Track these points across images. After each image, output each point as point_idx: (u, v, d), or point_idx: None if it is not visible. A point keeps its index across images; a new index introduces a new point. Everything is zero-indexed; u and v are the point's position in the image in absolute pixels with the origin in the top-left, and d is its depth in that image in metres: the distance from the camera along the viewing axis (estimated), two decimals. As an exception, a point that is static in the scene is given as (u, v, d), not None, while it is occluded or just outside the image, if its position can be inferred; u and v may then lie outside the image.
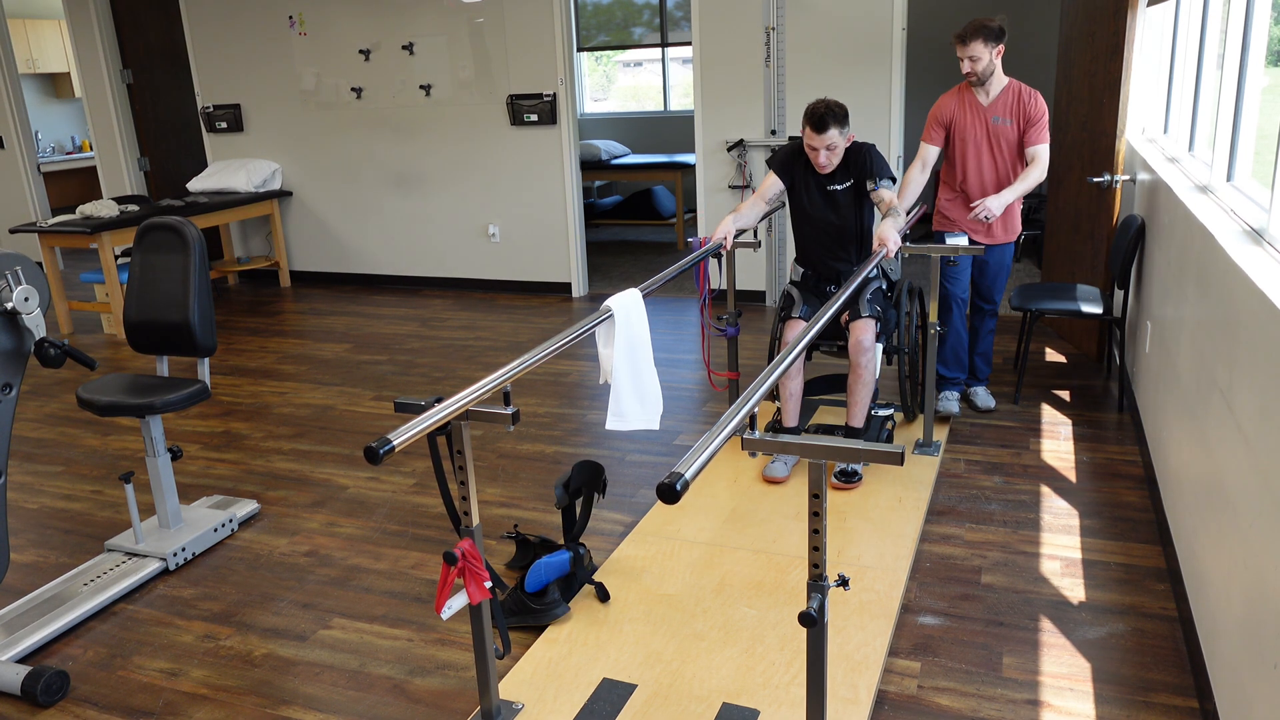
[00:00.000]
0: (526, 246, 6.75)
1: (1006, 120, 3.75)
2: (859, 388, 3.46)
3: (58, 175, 11.10)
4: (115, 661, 2.68)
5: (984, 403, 4.14)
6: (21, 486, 3.89)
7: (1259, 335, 1.96)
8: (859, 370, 3.44)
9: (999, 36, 3.64)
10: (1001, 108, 3.75)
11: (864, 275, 2.89)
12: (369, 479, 3.80)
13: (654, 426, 2.55)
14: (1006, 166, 3.82)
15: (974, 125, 3.80)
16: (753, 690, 2.37)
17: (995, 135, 3.77)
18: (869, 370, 3.45)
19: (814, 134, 3.32)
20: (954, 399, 4.06)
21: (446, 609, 2.01)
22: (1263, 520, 1.86)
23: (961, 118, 3.83)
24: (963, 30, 3.67)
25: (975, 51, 3.63)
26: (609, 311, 2.46)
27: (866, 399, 3.48)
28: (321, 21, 6.82)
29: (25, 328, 2.49)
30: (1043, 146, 3.73)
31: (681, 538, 3.14)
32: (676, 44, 9.46)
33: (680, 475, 1.53)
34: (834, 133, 3.31)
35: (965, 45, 3.65)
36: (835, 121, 3.30)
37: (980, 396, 4.16)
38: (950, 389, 4.09)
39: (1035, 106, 3.70)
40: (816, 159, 3.40)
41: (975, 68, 3.66)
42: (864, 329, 3.43)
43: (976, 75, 3.69)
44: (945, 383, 4.08)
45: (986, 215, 3.71)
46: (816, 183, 3.54)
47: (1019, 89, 3.74)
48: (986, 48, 3.62)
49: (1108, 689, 2.35)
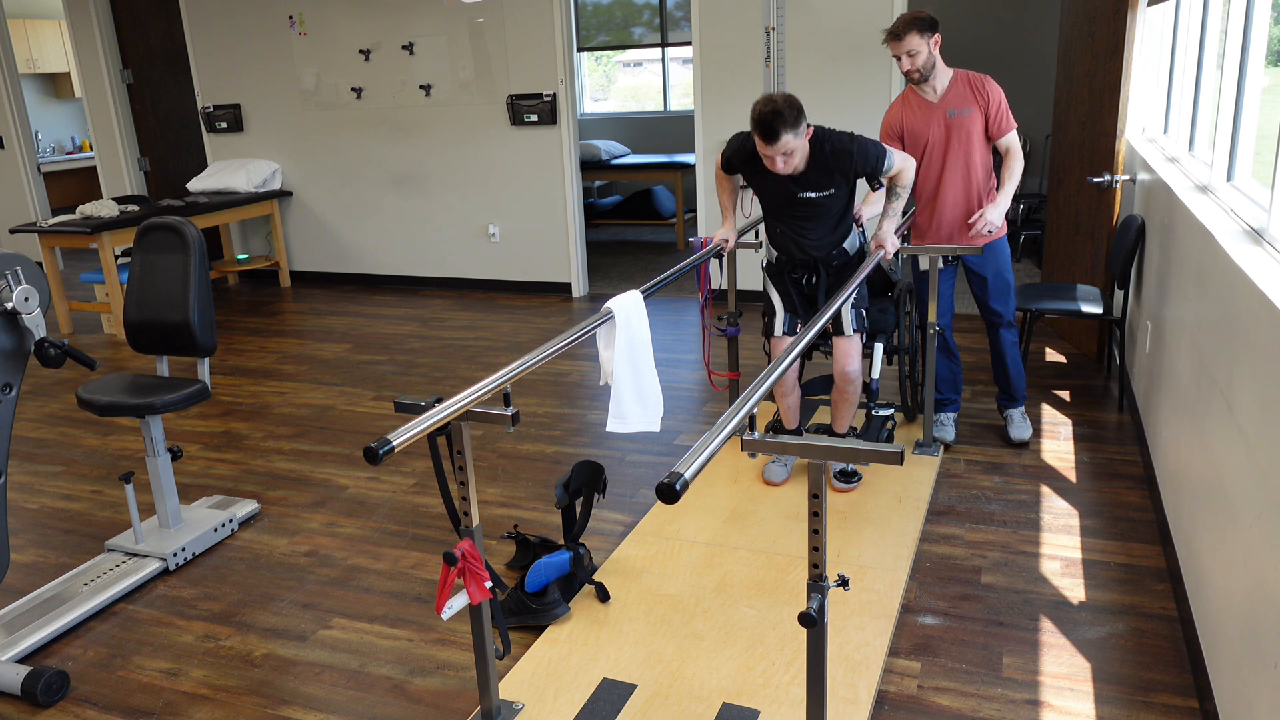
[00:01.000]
0: (526, 246, 6.75)
1: (965, 110, 3.45)
2: (843, 405, 3.36)
3: (58, 175, 11.10)
4: (115, 661, 2.68)
5: (1016, 433, 3.76)
6: (21, 486, 3.89)
7: (1259, 335, 1.96)
8: (845, 390, 3.31)
9: (933, 26, 3.38)
10: (955, 99, 3.46)
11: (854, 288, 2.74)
12: (369, 479, 3.80)
13: (654, 429, 2.55)
14: (976, 161, 3.52)
15: (929, 126, 3.50)
16: (753, 690, 2.37)
17: (955, 130, 3.47)
18: (854, 389, 3.31)
19: (765, 144, 2.84)
20: (949, 423, 3.80)
21: (447, 609, 2.01)
22: (1263, 520, 1.86)
23: (913, 122, 3.52)
24: (893, 26, 3.39)
25: (912, 45, 3.34)
26: (610, 313, 2.46)
27: (849, 415, 3.39)
28: (321, 21, 6.82)
29: (25, 328, 2.49)
30: (1012, 134, 3.49)
31: (681, 538, 3.14)
32: (676, 44, 9.46)
33: (680, 475, 1.53)
34: (788, 138, 2.81)
35: (900, 41, 3.36)
36: (787, 125, 2.79)
37: (1014, 423, 3.79)
38: (946, 411, 3.83)
39: (993, 90, 3.44)
40: (774, 166, 2.92)
41: (915, 63, 3.37)
42: (848, 351, 3.24)
43: (918, 71, 3.39)
44: (940, 404, 3.83)
45: (989, 228, 3.45)
46: (781, 188, 3.11)
47: (968, 75, 3.47)
48: (923, 39, 3.35)
49: (1108, 689, 2.35)
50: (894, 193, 3.16)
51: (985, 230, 3.46)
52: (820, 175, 3.02)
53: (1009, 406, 3.84)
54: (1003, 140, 3.48)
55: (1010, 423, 3.81)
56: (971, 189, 3.55)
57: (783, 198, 3.12)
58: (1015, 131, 3.50)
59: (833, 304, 2.55)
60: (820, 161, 3.00)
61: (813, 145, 2.97)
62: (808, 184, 3.05)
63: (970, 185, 3.54)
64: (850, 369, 3.26)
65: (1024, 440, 3.74)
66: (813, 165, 3.00)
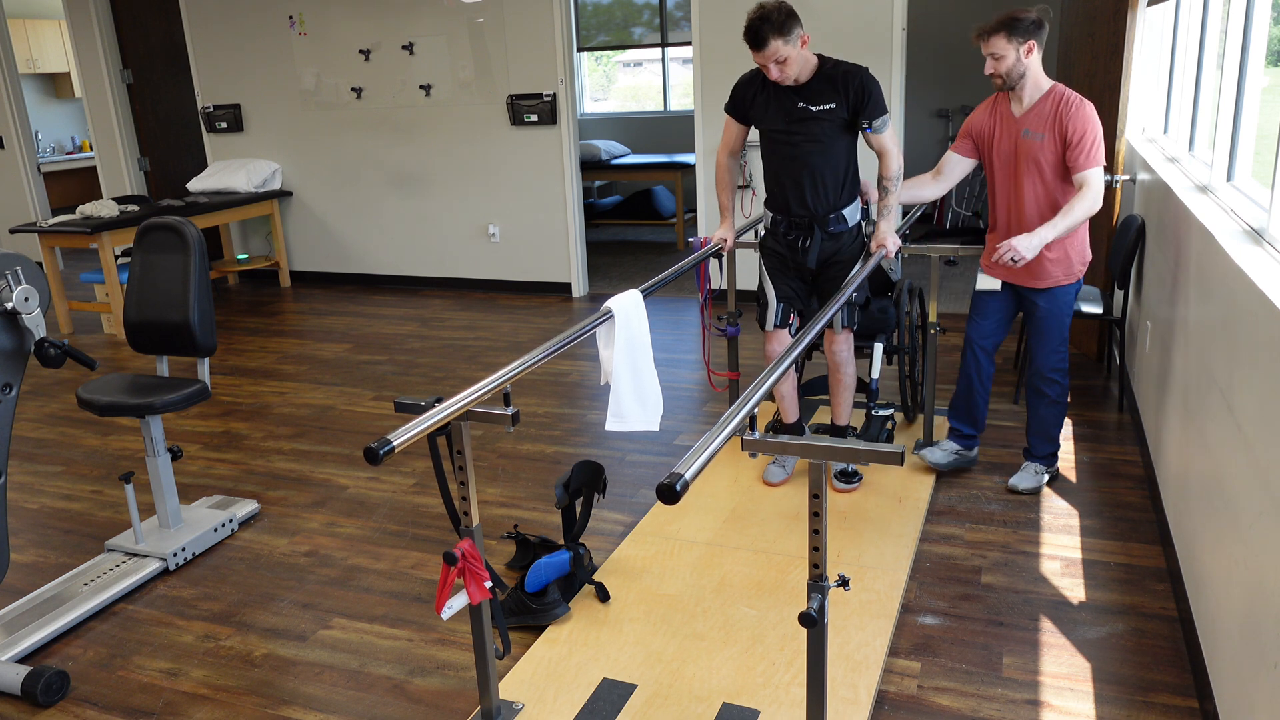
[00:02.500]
0: (526, 246, 6.75)
1: (1039, 135, 3.05)
2: (840, 390, 3.39)
3: (58, 175, 11.10)
4: (115, 661, 2.68)
5: (1016, 480, 3.38)
6: (21, 486, 3.89)
7: (1259, 335, 1.96)
8: (839, 374, 3.36)
9: (1031, 31, 2.98)
10: (1035, 119, 3.06)
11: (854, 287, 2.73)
12: (369, 479, 3.80)
13: (654, 428, 2.55)
14: (1044, 194, 3.11)
15: (1002, 140, 3.15)
16: (753, 690, 2.37)
17: (1026, 154, 3.09)
18: (848, 374, 3.35)
19: (756, 52, 2.88)
20: (943, 452, 3.49)
21: (446, 609, 2.01)
22: (1263, 520, 1.86)
23: (990, 130, 3.20)
24: (985, 23, 3.04)
25: (996, 48, 3.00)
26: (609, 313, 2.46)
27: (848, 400, 3.41)
28: (321, 21, 6.82)
29: (25, 328, 2.49)
30: (1093, 171, 2.98)
31: (681, 538, 3.14)
32: (676, 44, 9.46)
33: (680, 476, 1.53)
34: (776, 44, 2.83)
35: (985, 40, 3.02)
36: (774, 30, 2.81)
37: (1023, 472, 3.40)
38: (952, 440, 3.52)
39: (1077, 119, 2.98)
40: (770, 74, 2.95)
41: (998, 68, 3.03)
42: (840, 341, 3.30)
43: (1000, 77, 3.05)
44: (950, 431, 3.55)
45: (1013, 258, 2.97)
46: (782, 102, 3.07)
47: (1061, 96, 3.03)
48: (1011, 44, 2.98)
49: (1108, 689, 2.35)
50: (885, 188, 3.10)
51: (1008, 260, 2.98)
52: (823, 87, 3.02)
53: (1031, 456, 3.44)
54: (1078, 175, 3.01)
55: (1018, 471, 3.44)
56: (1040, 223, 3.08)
57: (783, 114, 3.08)
58: (1099, 170, 3.00)
59: (830, 306, 2.54)
60: (826, 76, 3.02)
61: (824, 63, 3.02)
62: (808, 96, 3.04)
63: (1043, 220, 3.08)
64: (838, 350, 3.29)
65: (1016, 487, 3.37)
66: (817, 78, 3.02)
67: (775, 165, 3.19)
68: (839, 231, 3.18)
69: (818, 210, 3.15)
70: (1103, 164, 3.02)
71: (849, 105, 3.01)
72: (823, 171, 3.10)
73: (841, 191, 3.15)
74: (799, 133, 3.07)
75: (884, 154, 3.06)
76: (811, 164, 3.10)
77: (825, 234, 3.18)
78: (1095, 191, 2.98)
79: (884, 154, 3.06)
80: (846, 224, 3.19)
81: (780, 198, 3.22)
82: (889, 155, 3.06)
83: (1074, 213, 2.97)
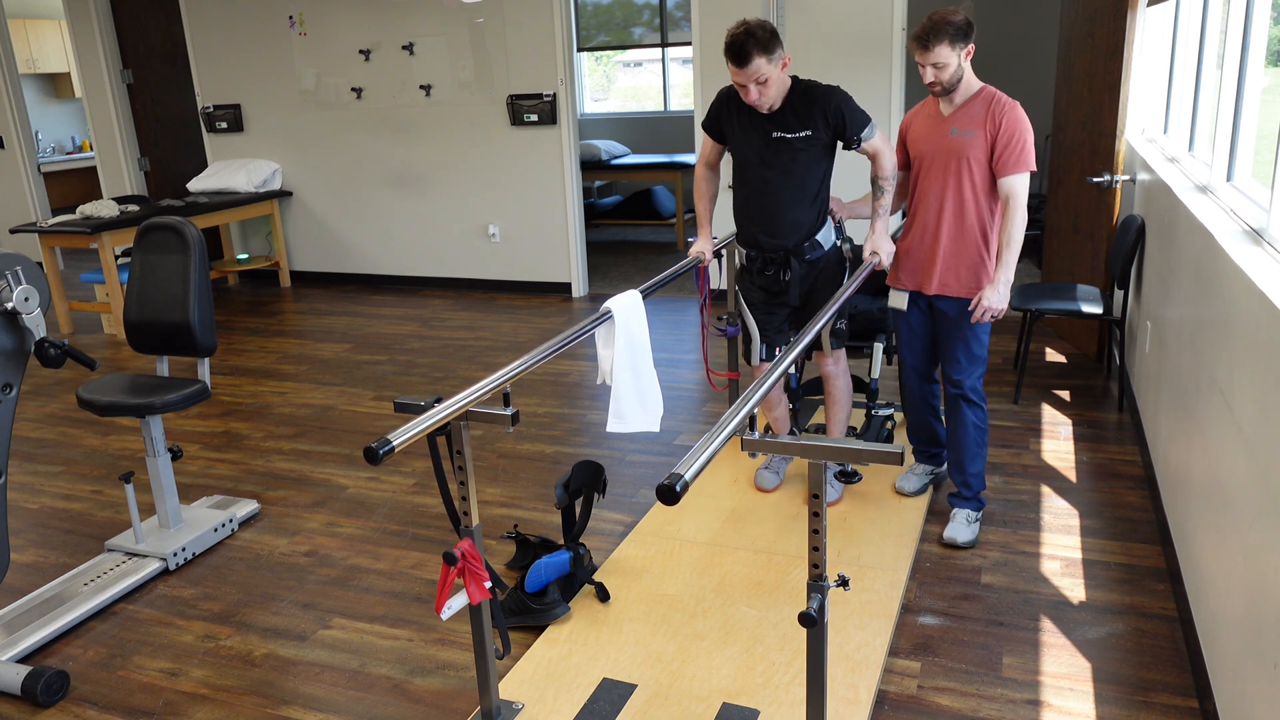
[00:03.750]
0: (526, 246, 6.75)
1: (968, 132, 2.86)
2: (833, 406, 3.32)
3: (58, 175, 11.10)
4: (115, 661, 2.68)
5: (952, 533, 3.03)
6: (21, 486, 3.89)
7: (1259, 335, 1.96)
8: (830, 386, 3.29)
9: (969, 34, 2.80)
10: (964, 118, 2.88)
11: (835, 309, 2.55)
12: (369, 479, 3.80)
13: (654, 429, 2.55)
14: (971, 199, 2.91)
15: (929, 138, 2.97)
16: (753, 690, 2.37)
17: (955, 152, 2.89)
18: (838, 387, 3.27)
19: (736, 69, 2.76)
20: (916, 477, 3.35)
21: (446, 609, 2.01)
22: (1263, 520, 1.87)
23: (917, 129, 3.03)
24: (921, 31, 2.79)
25: (941, 57, 2.78)
26: (608, 313, 2.46)
27: (842, 417, 3.32)
28: (321, 21, 6.82)
29: (25, 328, 2.49)
30: (1019, 178, 2.81)
31: (681, 538, 3.14)
32: (676, 44, 9.46)
33: (680, 476, 1.53)
34: (760, 62, 2.72)
35: (928, 50, 2.78)
36: (759, 48, 2.70)
37: (954, 522, 3.06)
38: (920, 462, 3.40)
39: (1010, 119, 2.81)
40: (748, 96, 2.84)
41: (941, 77, 2.82)
42: (829, 361, 3.22)
43: (942, 85, 2.85)
44: (915, 453, 3.42)
45: (993, 315, 2.84)
46: (756, 128, 2.97)
47: (992, 96, 2.87)
48: (954, 51, 2.78)
49: (1108, 689, 2.35)
50: (879, 188, 3.01)
51: (989, 320, 2.87)
52: (799, 112, 2.92)
53: (957, 502, 3.13)
54: (1003, 181, 2.83)
55: (951, 520, 3.09)
56: (965, 228, 2.95)
57: (757, 141, 2.98)
58: (1026, 177, 2.83)
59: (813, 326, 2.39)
60: (800, 100, 2.91)
61: (796, 86, 2.92)
62: (783, 124, 2.93)
63: (963, 222, 2.94)
64: (828, 366, 3.23)
65: (954, 542, 3.02)
66: (790, 104, 2.92)
67: (745, 195, 3.10)
68: (816, 258, 3.11)
69: (789, 240, 3.07)
70: (1032, 169, 2.87)
71: (829, 129, 2.93)
72: (795, 203, 3.02)
73: (815, 220, 3.06)
74: (773, 165, 2.99)
75: (877, 156, 3.00)
76: (783, 197, 3.02)
77: (803, 263, 3.10)
78: (1021, 206, 2.82)
79: (877, 156, 3.00)
80: (823, 248, 3.10)
81: (748, 234, 3.14)
82: (881, 156, 3.00)
83: (1013, 238, 2.81)
